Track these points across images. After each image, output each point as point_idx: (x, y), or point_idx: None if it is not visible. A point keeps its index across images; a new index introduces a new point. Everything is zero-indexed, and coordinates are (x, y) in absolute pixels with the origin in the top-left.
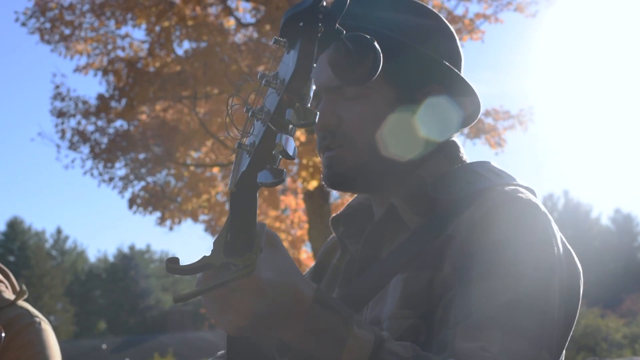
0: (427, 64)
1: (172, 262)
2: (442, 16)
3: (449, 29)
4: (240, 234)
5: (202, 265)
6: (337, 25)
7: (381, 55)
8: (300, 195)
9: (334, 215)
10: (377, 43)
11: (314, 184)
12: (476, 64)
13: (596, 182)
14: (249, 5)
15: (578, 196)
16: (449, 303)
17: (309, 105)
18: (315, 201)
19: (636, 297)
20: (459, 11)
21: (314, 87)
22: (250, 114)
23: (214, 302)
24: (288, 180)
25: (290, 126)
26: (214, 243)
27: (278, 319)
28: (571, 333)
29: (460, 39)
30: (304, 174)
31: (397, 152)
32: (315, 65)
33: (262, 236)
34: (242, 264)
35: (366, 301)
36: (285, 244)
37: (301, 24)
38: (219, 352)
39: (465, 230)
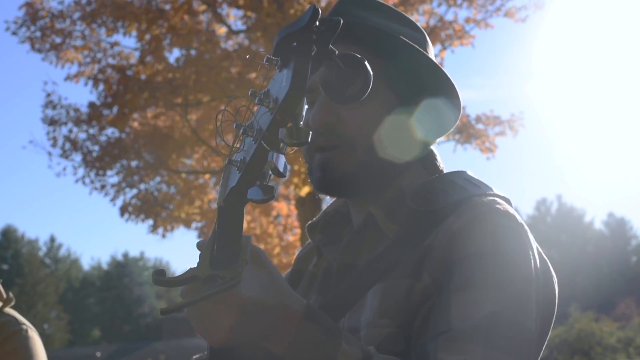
0: (427, 69)
1: (159, 274)
2: (433, 21)
3: (429, 42)
4: (226, 247)
5: (188, 277)
6: (330, 45)
7: (372, 74)
8: (293, 202)
9: (310, 222)
10: (384, 44)
11: (306, 190)
12: (467, 69)
13: (589, 186)
14: (240, 13)
15: (571, 200)
16: (427, 313)
17: (301, 124)
18: (308, 207)
19: (630, 301)
20: (449, 17)
21: (306, 107)
22: (241, 130)
23: (199, 314)
24: (280, 186)
25: (281, 145)
26: (200, 256)
27: (264, 333)
28: (545, 342)
29: (450, 44)
30: (295, 180)
31: (395, 155)
32: None
33: (247, 249)
34: (228, 276)
35: (346, 310)
36: (278, 250)
37: (295, 44)
38: (195, 356)
39: (444, 241)
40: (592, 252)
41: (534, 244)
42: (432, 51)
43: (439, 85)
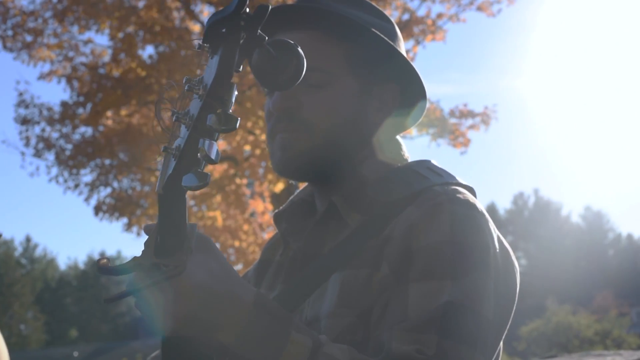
0: (391, 60)
1: (103, 262)
2: (406, 17)
3: (399, 33)
4: (170, 235)
5: (132, 265)
6: (259, 31)
7: (305, 61)
8: (268, 199)
9: (276, 211)
10: (347, 30)
11: (280, 187)
12: (441, 65)
13: (566, 179)
14: (213, 9)
15: (548, 194)
16: (385, 303)
17: (230, 110)
18: (282, 203)
19: (607, 294)
20: (422, 12)
21: (236, 93)
22: (174, 118)
23: (146, 303)
24: (255, 183)
25: (212, 132)
26: (145, 244)
27: (213, 322)
28: (505, 332)
29: (423, 39)
30: (270, 176)
31: (348, 145)
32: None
33: (192, 237)
34: (172, 264)
35: (304, 299)
36: (253, 247)
37: (224, 30)
38: (154, 353)
39: (403, 231)
40: (569, 246)
41: (495, 233)
42: (401, 43)
43: (402, 74)
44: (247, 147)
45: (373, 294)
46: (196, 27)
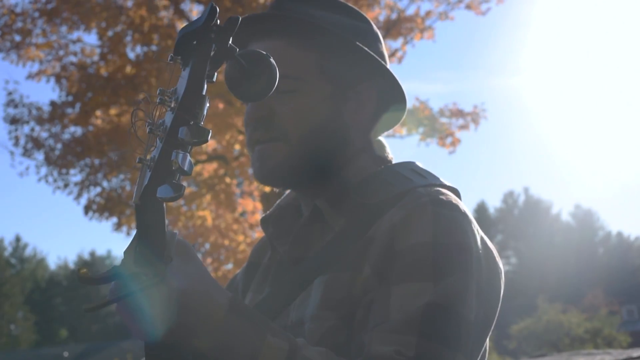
0: (364, 61)
1: (84, 272)
2: (394, 16)
3: (377, 32)
4: (149, 244)
5: (112, 274)
6: (230, 43)
7: (277, 72)
8: (258, 198)
9: (263, 215)
10: (316, 36)
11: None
12: (431, 64)
13: (556, 178)
14: (202, 8)
15: (538, 193)
16: (368, 305)
17: (201, 123)
18: (272, 203)
19: (597, 292)
20: (411, 10)
21: (208, 105)
22: (148, 130)
23: (129, 312)
24: (245, 183)
25: (184, 144)
26: (125, 253)
27: (191, 327)
28: (490, 333)
29: (412, 38)
30: None
31: (327, 148)
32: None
33: (172, 245)
34: (152, 273)
35: (289, 302)
36: (243, 247)
37: (195, 42)
38: None
39: (385, 233)
40: (560, 244)
41: (478, 234)
42: (377, 41)
43: (377, 74)
44: (237, 147)
45: (356, 296)
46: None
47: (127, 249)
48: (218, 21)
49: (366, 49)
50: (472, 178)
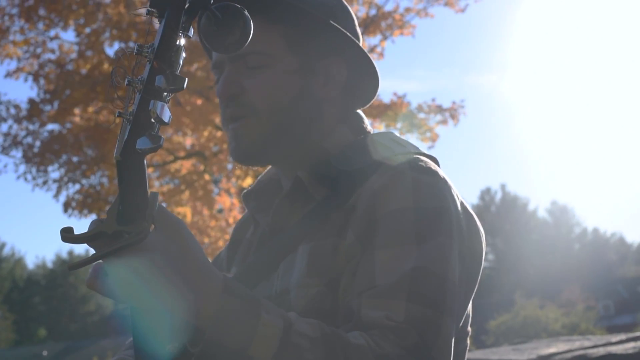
0: (331, 35)
1: (67, 232)
2: (372, 12)
3: (349, 9)
4: (131, 202)
5: (95, 233)
6: None
7: (251, 23)
8: (235, 196)
9: (245, 190)
10: (281, 11)
11: (248, 181)
12: (409, 62)
13: (533, 174)
14: None
15: (515, 189)
16: (353, 271)
17: (178, 72)
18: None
19: (574, 288)
20: (390, 7)
21: (184, 55)
22: (126, 83)
23: (100, 273)
24: (222, 180)
25: (165, 94)
26: (108, 212)
27: (179, 305)
28: (473, 295)
29: (391, 34)
30: (237, 172)
31: (299, 122)
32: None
33: (154, 205)
34: (134, 231)
35: (271, 271)
36: (221, 243)
37: None
38: (127, 342)
39: (366, 200)
40: (536, 240)
41: (458, 199)
42: (347, 16)
43: (345, 48)
44: (214, 143)
45: (340, 262)
46: None
47: (110, 209)
48: None
49: (333, 22)
50: (449, 175)
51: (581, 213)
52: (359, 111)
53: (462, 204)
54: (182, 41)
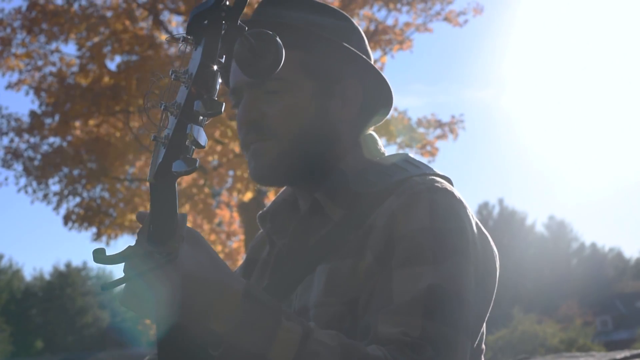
0: (346, 57)
1: (99, 252)
2: (372, 27)
3: (360, 30)
4: (162, 223)
5: (127, 254)
6: (239, 22)
7: (283, 49)
8: (235, 209)
9: (260, 212)
10: (298, 38)
11: (249, 195)
12: (408, 76)
13: (530, 189)
14: (181, 19)
15: (513, 204)
16: (371, 290)
17: (215, 97)
18: (251, 213)
19: (572, 303)
20: (389, 22)
21: (219, 81)
22: (162, 108)
23: (135, 292)
24: (223, 193)
25: (201, 117)
26: (138, 233)
27: (204, 311)
28: (488, 314)
29: (390, 49)
30: (239, 185)
31: (318, 144)
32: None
33: (183, 226)
34: (165, 251)
35: (290, 290)
36: (222, 256)
37: (206, 22)
38: (146, 357)
39: (385, 220)
40: (534, 255)
41: (473, 220)
42: (359, 37)
43: (361, 70)
44: (215, 157)
45: (359, 282)
46: (164, 37)
47: (140, 230)
48: (227, 2)
49: (346, 45)
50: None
51: (579, 228)
52: (373, 132)
53: (477, 224)
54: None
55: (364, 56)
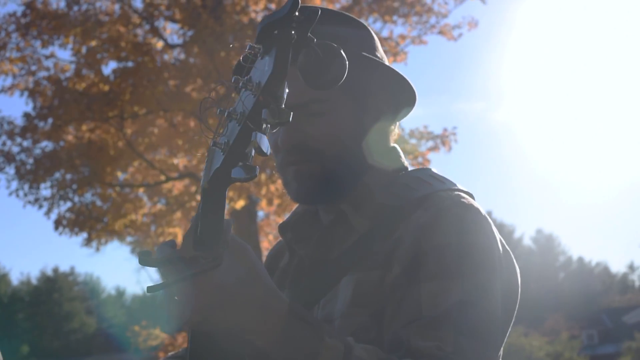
0: (372, 68)
1: (145, 255)
2: None
3: (374, 36)
4: (209, 228)
5: (173, 258)
6: (309, 33)
7: (347, 62)
8: (227, 216)
9: (281, 222)
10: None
11: (241, 203)
12: None
13: (518, 202)
14: (176, 27)
15: (501, 217)
16: (398, 302)
17: (282, 106)
18: (243, 221)
19: (558, 316)
20: (384, 33)
21: (287, 91)
22: (225, 114)
23: (175, 294)
24: None
25: (264, 125)
26: (184, 237)
27: (243, 326)
28: (509, 329)
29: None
30: (231, 193)
31: (358, 160)
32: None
33: (228, 231)
34: (210, 257)
35: (317, 300)
36: None
37: (276, 32)
38: (170, 353)
39: (412, 234)
40: (521, 268)
41: (498, 236)
42: (377, 43)
43: (389, 79)
44: None
45: (385, 294)
46: (159, 44)
47: (186, 233)
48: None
49: (371, 55)
50: None
51: (566, 242)
52: (396, 145)
53: (500, 241)
54: None
55: (386, 62)
